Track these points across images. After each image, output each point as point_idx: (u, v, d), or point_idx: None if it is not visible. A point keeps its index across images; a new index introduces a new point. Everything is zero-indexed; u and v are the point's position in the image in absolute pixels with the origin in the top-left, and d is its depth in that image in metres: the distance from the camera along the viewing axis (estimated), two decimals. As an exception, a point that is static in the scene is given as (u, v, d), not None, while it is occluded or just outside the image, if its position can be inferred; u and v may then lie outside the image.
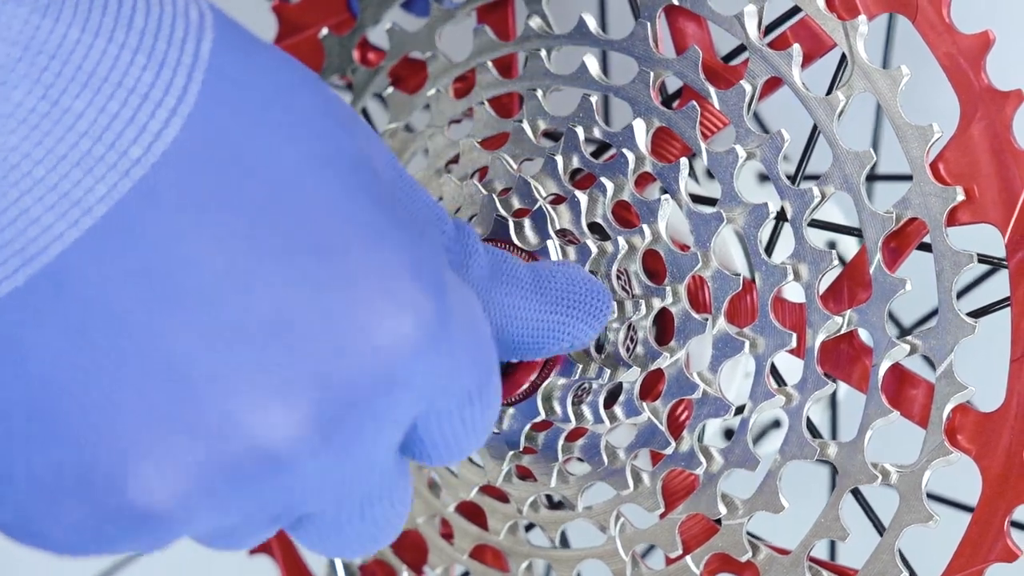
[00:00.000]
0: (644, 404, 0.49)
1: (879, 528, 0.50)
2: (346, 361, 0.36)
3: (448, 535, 0.57)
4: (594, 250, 0.49)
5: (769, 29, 0.50)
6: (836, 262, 0.48)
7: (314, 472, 0.37)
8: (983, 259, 0.47)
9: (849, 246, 0.64)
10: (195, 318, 0.35)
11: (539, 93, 0.52)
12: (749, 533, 0.50)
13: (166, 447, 0.36)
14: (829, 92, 0.49)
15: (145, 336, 0.35)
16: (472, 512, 0.56)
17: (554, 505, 0.54)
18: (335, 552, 0.41)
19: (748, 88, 0.49)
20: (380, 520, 0.40)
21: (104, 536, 0.36)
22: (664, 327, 0.49)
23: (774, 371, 0.49)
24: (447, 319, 0.38)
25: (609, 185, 0.49)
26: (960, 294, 0.48)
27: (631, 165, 0.50)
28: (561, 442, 0.51)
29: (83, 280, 0.35)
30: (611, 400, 0.50)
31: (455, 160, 0.54)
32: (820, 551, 0.51)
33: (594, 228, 0.50)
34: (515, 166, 0.51)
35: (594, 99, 0.51)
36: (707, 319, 0.49)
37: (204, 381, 0.35)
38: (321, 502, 0.39)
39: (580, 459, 0.51)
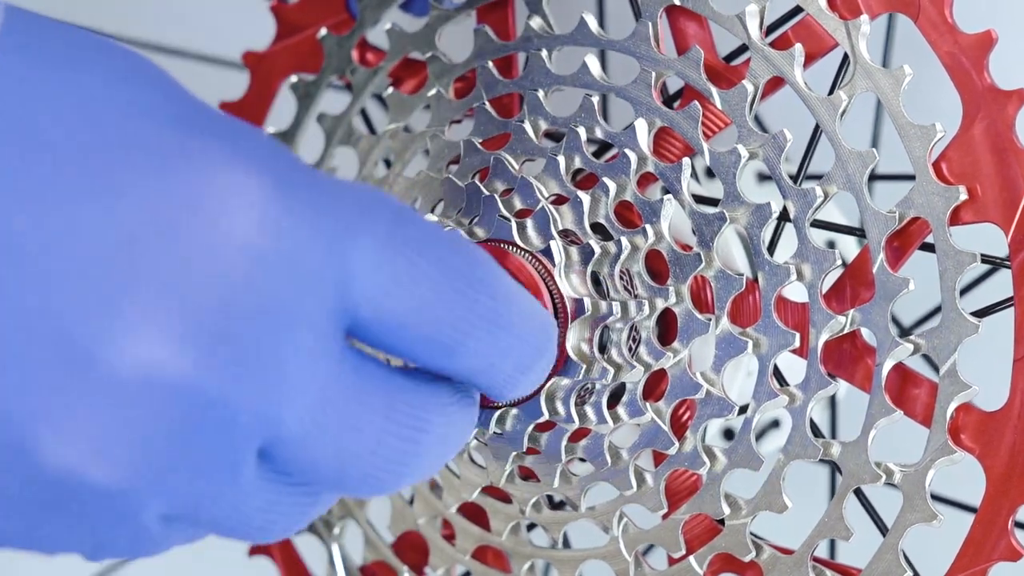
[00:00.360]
0: (647, 404, 0.49)
1: (882, 528, 0.50)
2: (198, 266, 0.34)
3: (450, 536, 0.57)
4: (597, 250, 0.49)
5: (771, 29, 0.50)
6: (839, 262, 0.48)
7: (228, 391, 0.34)
8: (986, 259, 0.47)
9: (849, 246, 0.64)
10: (37, 264, 0.33)
11: (540, 93, 0.52)
12: (752, 533, 0.50)
13: (58, 403, 0.33)
14: (831, 92, 0.49)
15: None
16: (474, 513, 0.56)
17: (556, 505, 0.54)
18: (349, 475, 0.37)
19: (750, 88, 0.49)
20: (363, 446, 0.37)
21: (47, 516, 0.34)
22: (667, 327, 0.49)
23: (777, 371, 0.49)
24: (303, 197, 0.35)
25: (611, 185, 0.49)
26: (962, 293, 0.48)
27: (633, 165, 0.50)
28: (564, 442, 0.51)
29: None
30: (614, 400, 0.50)
31: (456, 161, 0.54)
32: (823, 551, 0.51)
33: (597, 228, 0.50)
34: (516, 166, 0.51)
35: (595, 99, 0.51)
36: (710, 319, 0.48)
37: (75, 327, 0.33)
38: (268, 423, 0.35)
39: (583, 459, 0.51)
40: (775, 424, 0.63)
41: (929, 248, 0.47)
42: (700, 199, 0.50)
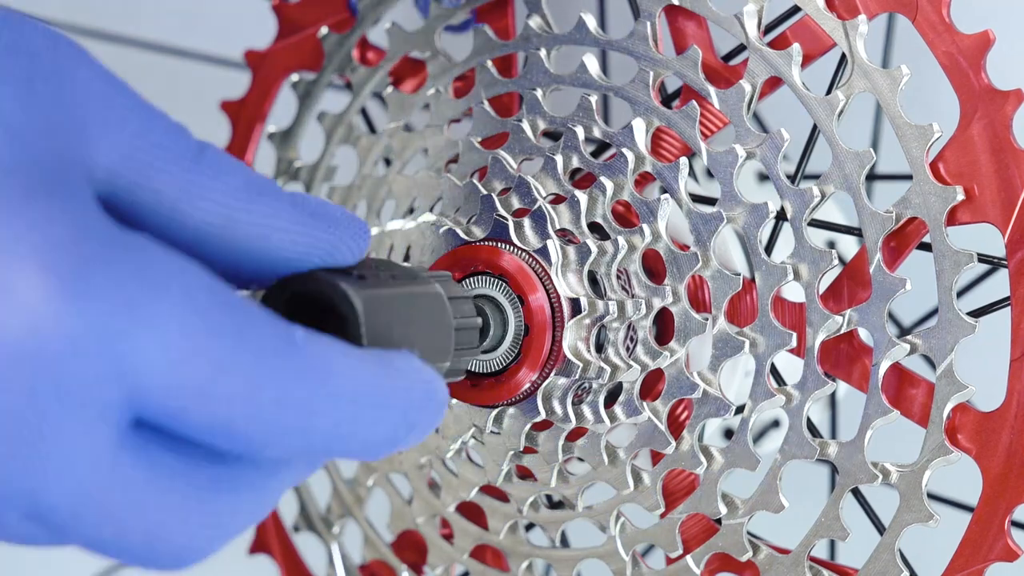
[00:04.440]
0: (644, 404, 0.49)
1: (879, 527, 0.50)
2: None
3: (448, 535, 0.57)
4: (594, 250, 0.49)
5: (769, 29, 0.50)
6: (836, 262, 0.48)
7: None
8: (983, 259, 0.47)
9: (848, 246, 0.64)
10: None
11: (539, 93, 0.52)
12: (749, 533, 0.50)
13: None
14: (829, 92, 0.49)
15: None
16: (472, 512, 0.56)
17: (554, 505, 0.54)
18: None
19: (748, 87, 0.49)
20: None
21: None
22: (664, 327, 0.50)
23: (774, 370, 0.50)
24: (90, 293, 0.34)
25: (609, 185, 0.49)
26: (960, 293, 0.48)
27: (631, 165, 0.50)
28: (561, 442, 0.51)
29: None
30: (611, 400, 0.50)
31: (455, 160, 0.54)
32: (820, 550, 0.51)
33: (594, 228, 0.50)
34: (515, 165, 0.51)
35: (594, 99, 0.51)
36: (707, 319, 0.49)
37: None
38: (32, 497, 0.35)
39: (580, 459, 0.51)
40: (775, 424, 0.63)
41: (927, 248, 0.47)
42: (697, 199, 0.50)
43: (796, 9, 0.50)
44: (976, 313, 0.47)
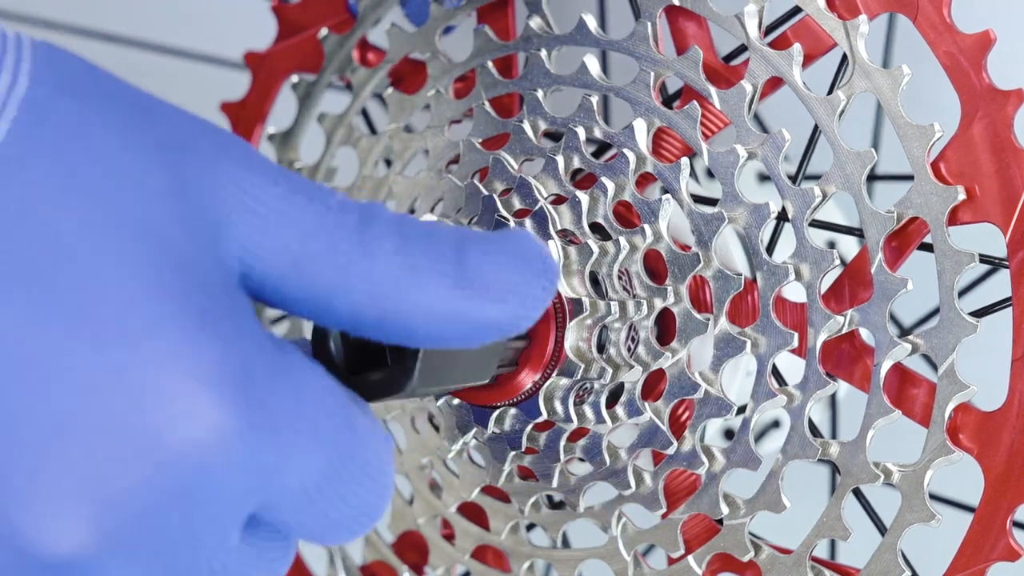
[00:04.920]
0: (646, 404, 0.49)
1: (881, 528, 0.50)
2: (126, 472, 0.35)
3: (449, 535, 0.57)
4: (595, 250, 0.49)
5: (770, 29, 0.50)
6: (837, 262, 0.48)
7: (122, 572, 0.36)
8: (984, 259, 0.47)
9: (849, 246, 0.64)
10: None
11: (539, 93, 0.52)
12: (751, 533, 0.50)
13: None
14: (830, 92, 0.49)
15: None
16: (473, 512, 0.56)
17: (555, 505, 0.54)
18: None
19: (749, 88, 0.49)
20: None
21: None
22: (666, 327, 0.49)
23: (775, 371, 0.50)
24: (254, 417, 0.36)
25: (610, 185, 0.49)
26: (961, 293, 0.48)
27: (632, 165, 0.50)
28: (563, 442, 0.51)
29: None
30: (613, 400, 0.50)
31: (455, 160, 0.54)
32: (822, 550, 0.51)
33: (595, 228, 0.50)
34: (516, 166, 0.51)
35: (594, 99, 0.51)
36: (708, 319, 0.49)
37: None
38: None
39: (582, 459, 0.51)
40: (776, 424, 0.63)
41: (928, 248, 0.47)
42: (699, 199, 0.50)
43: (797, 9, 0.50)
44: (978, 313, 0.47)
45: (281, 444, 0.37)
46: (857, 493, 0.49)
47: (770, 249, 0.49)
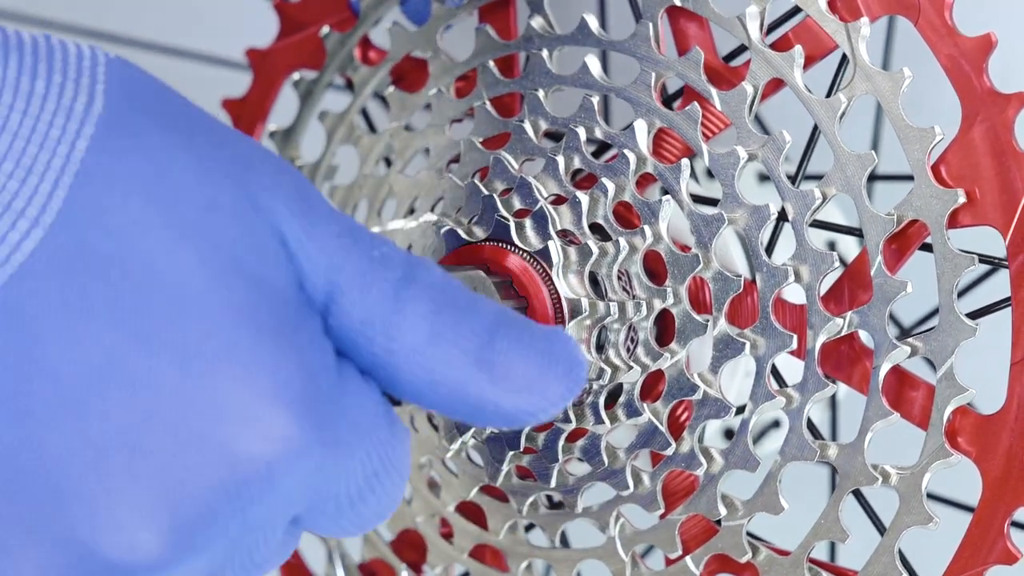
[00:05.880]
0: (645, 405, 0.50)
1: (879, 529, 0.50)
2: (202, 483, 0.37)
3: (448, 534, 0.57)
4: (595, 251, 0.49)
5: (771, 30, 0.50)
6: (837, 264, 0.48)
7: None
8: (984, 259, 0.47)
9: (850, 247, 0.64)
10: (58, 431, 0.36)
11: (540, 93, 0.52)
12: (749, 534, 0.50)
13: (28, 564, 0.37)
14: (830, 94, 0.49)
15: (10, 451, 0.36)
16: (472, 512, 0.56)
17: (554, 505, 0.54)
18: None
19: (750, 89, 0.49)
20: None
21: None
22: (665, 328, 0.50)
23: (775, 372, 0.50)
24: (321, 433, 0.38)
25: (610, 186, 0.49)
26: (961, 295, 0.48)
27: (632, 166, 0.50)
28: (561, 442, 0.51)
29: None
30: (611, 401, 0.50)
31: (456, 160, 0.54)
32: (820, 552, 0.51)
33: (595, 229, 0.50)
34: (516, 166, 0.51)
35: (595, 99, 0.51)
36: (708, 320, 0.49)
37: (69, 495, 0.36)
38: None
39: (580, 459, 0.51)
40: (776, 425, 0.63)
41: (928, 249, 0.47)
42: (699, 200, 0.50)
43: (798, 11, 0.50)
44: (976, 314, 0.47)
45: (339, 456, 0.39)
46: (856, 495, 0.49)
47: (770, 250, 0.49)
